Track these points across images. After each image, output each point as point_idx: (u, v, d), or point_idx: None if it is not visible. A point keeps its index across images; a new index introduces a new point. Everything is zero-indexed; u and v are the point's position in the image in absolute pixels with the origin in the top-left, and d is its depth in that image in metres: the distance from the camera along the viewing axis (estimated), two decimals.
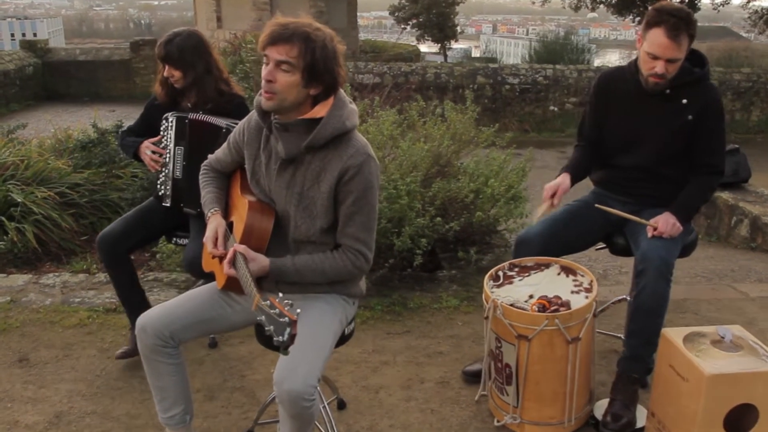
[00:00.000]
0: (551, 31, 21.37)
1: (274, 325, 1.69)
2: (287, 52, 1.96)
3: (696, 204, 2.73)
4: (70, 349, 3.21)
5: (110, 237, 2.96)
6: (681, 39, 2.52)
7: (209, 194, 2.34)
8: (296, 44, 1.95)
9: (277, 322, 1.68)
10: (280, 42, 1.96)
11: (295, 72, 1.97)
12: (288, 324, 1.66)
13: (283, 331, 1.66)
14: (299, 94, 2.01)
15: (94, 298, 3.72)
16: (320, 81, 2.01)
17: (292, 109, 2.05)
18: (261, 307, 1.75)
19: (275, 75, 1.99)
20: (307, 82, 1.99)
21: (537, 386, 2.50)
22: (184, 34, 2.97)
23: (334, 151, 2.06)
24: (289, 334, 1.66)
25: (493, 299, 2.46)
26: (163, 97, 3.07)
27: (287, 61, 1.96)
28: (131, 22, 73.71)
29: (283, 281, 2.10)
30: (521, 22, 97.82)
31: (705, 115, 2.66)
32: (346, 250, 2.11)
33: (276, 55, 1.97)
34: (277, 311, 1.70)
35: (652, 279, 2.51)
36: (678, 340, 2.37)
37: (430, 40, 21.91)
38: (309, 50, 1.96)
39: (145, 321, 2.16)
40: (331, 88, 2.05)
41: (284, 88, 1.99)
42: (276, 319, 1.69)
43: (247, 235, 2.11)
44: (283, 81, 1.98)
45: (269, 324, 1.70)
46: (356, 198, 2.06)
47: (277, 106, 2.03)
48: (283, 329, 1.66)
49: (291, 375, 1.93)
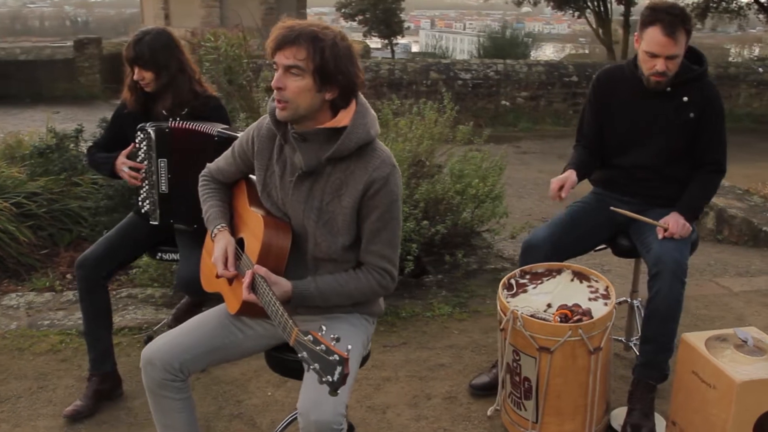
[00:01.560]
0: (488, 26, 21.58)
1: (320, 363, 1.54)
2: (294, 54, 1.81)
3: (701, 203, 2.71)
4: (44, 379, 2.97)
5: (92, 260, 2.73)
6: (678, 35, 2.49)
7: (213, 208, 2.16)
8: (303, 45, 1.80)
9: (325, 360, 1.53)
10: (287, 45, 1.81)
11: (306, 75, 1.82)
12: (339, 362, 1.52)
13: (332, 371, 1.52)
14: (314, 100, 1.86)
15: (64, 319, 3.47)
16: (334, 83, 1.85)
17: (309, 117, 1.89)
18: (302, 343, 1.59)
19: (285, 81, 1.83)
20: (320, 85, 1.84)
21: (558, 400, 2.42)
22: (154, 33, 2.76)
23: (357, 162, 1.91)
24: (341, 373, 1.51)
25: (513, 310, 2.36)
26: (132, 104, 2.84)
27: (295, 65, 1.81)
28: (67, 19, 71.01)
29: (306, 305, 1.95)
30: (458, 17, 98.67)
31: (706, 112, 2.64)
32: (371, 269, 1.97)
33: (284, 60, 1.82)
34: (324, 347, 1.55)
35: (668, 282, 2.46)
36: (701, 346, 2.32)
37: (377, 36, 21.80)
38: (318, 50, 1.81)
39: (151, 353, 1.98)
40: (349, 91, 1.90)
41: (296, 95, 1.84)
42: (323, 357, 1.54)
43: (264, 254, 1.94)
44: (294, 87, 1.83)
45: (314, 362, 1.55)
46: (382, 213, 1.92)
47: (292, 115, 1.87)
48: (333, 368, 1.52)
49: (318, 405, 1.79)
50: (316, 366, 1.55)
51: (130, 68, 2.77)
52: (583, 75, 11.43)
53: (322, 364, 1.54)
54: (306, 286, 1.93)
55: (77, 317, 3.46)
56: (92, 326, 2.77)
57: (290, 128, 1.94)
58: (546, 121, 11.23)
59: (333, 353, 1.54)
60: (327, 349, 1.55)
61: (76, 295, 3.74)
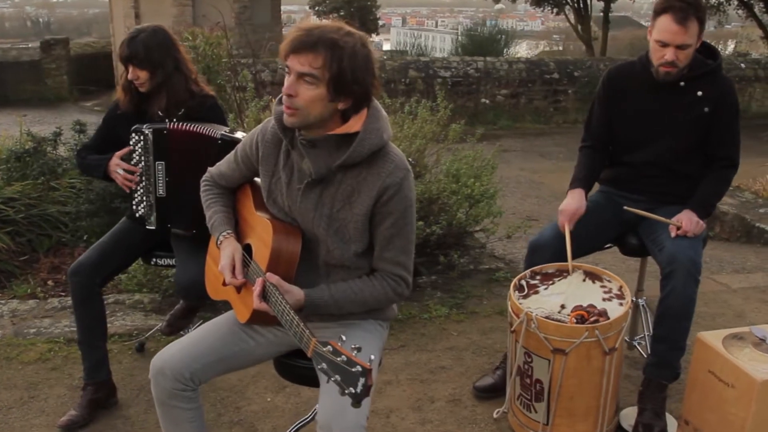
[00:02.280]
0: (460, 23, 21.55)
1: (342, 375, 1.46)
2: (311, 62, 1.69)
3: (715, 199, 2.66)
4: (35, 389, 2.85)
5: (86, 267, 2.62)
6: (689, 24, 2.44)
7: (217, 214, 2.06)
8: (321, 53, 1.69)
9: (347, 371, 1.45)
10: (303, 50, 1.70)
11: (320, 85, 1.71)
12: (362, 373, 1.44)
13: (355, 382, 1.44)
14: (325, 109, 1.75)
15: (51, 327, 3.34)
16: (349, 94, 1.75)
17: (318, 124, 1.79)
18: (321, 354, 1.51)
19: (297, 88, 1.72)
20: (334, 95, 1.73)
21: (570, 401, 2.36)
22: (149, 30, 2.64)
23: (368, 168, 1.81)
24: (364, 385, 1.43)
25: (527, 312, 2.30)
26: (126, 104, 2.72)
27: (310, 73, 1.70)
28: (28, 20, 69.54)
29: (319, 313, 1.87)
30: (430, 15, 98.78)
31: (721, 106, 2.59)
32: (386, 276, 1.89)
33: (298, 66, 1.71)
34: (345, 358, 1.47)
35: (682, 281, 2.41)
36: (718, 345, 2.29)
37: None
38: (335, 60, 1.69)
39: (162, 363, 1.88)
40: (363, 101, 1.79)
41: (307, 103, 1.73)
42: (344, 368, 1.46)
43: (274, 260, 1.85)
44: (306, 95, 1.72)
45: (335, 373, 1.47)
46: (396, 219, 1.83)
47: (300, 122, 1.77)
48: (356, 380, 1.44)
49: (340, 417, 1.71)
50: (337, 377, 1.47)
51: (124, 67, 2.66)
52: (564, 72, 11.46)
53: (344, 376, 1.46)
54: (320, 294, 1.84)
55: (64, 325, 3.36)
56: (87, 335, 2.67)
57: (298, 134, 1.84)
58: (526, 119, 11.23)
59: (355, 364, 1.46)
60: (348, 359, 1.47)
61: (61, 302, 3.63)
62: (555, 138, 10.73)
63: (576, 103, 11.61)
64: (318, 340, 1.54)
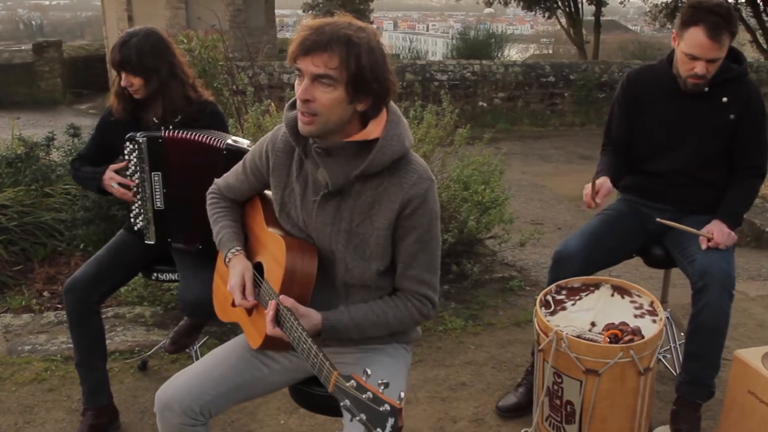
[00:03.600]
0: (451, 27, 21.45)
1: (367, 414, 1.31)
2: (326, 62, 1.55)
3: (743, 209, 2.54)
4: (30, 412, 2.70)
5: (82, 282, 2.47)
6: (722, 38, 2.32)
7: (225, 229, 1.91)
8: (336, 52, 1.55)
9: (373, 410, 1.31)
10: (316, 51, 1.55)
11: (338, 86, 1.57)
12: (390, 413, 1.29)
13: (383, 422, 1.29)
14: (345, 113, 1.62)
15: (47, 344, 3.19)
16: (369, 93, 1.61)
17: (337, 131, 1.65)
18: (343, 390, 1.37)
19: (313, 92, 1.58)
20: (353, 96, 1.60)
21: (603, 424, 2.23)
22: (142, 34, 2.49)
23: (390, 178, 1.67)
24: (394, 426, 1.29)
25: (557, 331, 2.17)
26: (120, 111, 2.57)
27: (326, 74, 1.56)
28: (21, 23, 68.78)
29: (338, 338, 1.72)
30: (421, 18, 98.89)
31: (747, 113, 2.48)
32: (410, 296, 1.75)
33: (312, 68, 1.56)
34: (371, 395, 1.32)
35: (716, 295, 2.30)
36: (758, 364, 2.17)
37: None
38: (353, 57, 1.56)
39: (169, 397, 1.73)
40: (382, 100, 1.66)
41: (326, 108, 1.59)
42: (370, 406, 1.31)
43: (288, 281, 1.70)
44: (324, 99, 1.58)
45: (359, 411, 1.33)
46: (420, 234, 1.70)
47: (319, 130, 1.63)
48: (383, 420, 1.29)
49: None
50: (362, 417, 1.32)
51: (117, 73, 2.51)
52: (560, 75, 11.37)
53: (370, 415, 1.32)
54: (338, 317, 1.70)
55: (61, 341, 3.21)
56: (85, 356, 2.51)
57: (312, 142, 1.71)
58: (524, 122, 11.13)
59: (383, 402, 1.31)
60: (375, 397, 1.32)
61: (57, 317, 3.48)
62: (553, 141, 10.64)
63: (572, 106, 11.53)
64: (340, 374, 1.40)
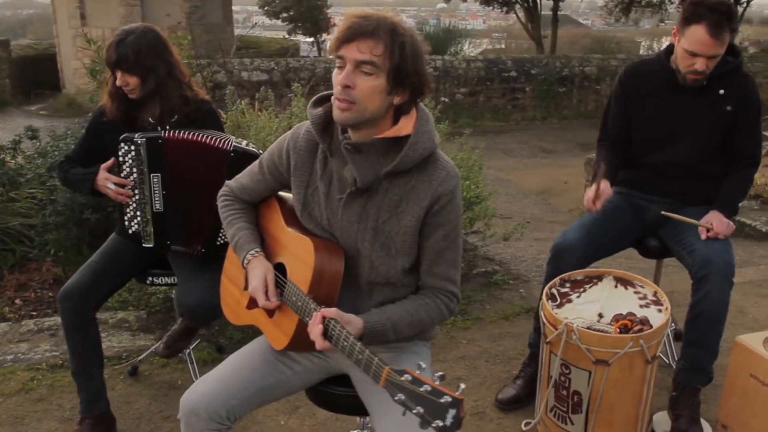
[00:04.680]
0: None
1: (425, 406, 1.31)
2: (371, 49, 1.54)
3: (739, 199, 2.60)
4: (21, 423, 2.60)
5: (77, 290, 2.40)
6: (723, 35, 2.35)
7: (241, 231, 1.87)
8: (382, 39, 1.54)
9: (432, 402, 1.30)
10: (362, 37, 1.55)
11: (380, 75, 1.56)
12: (452, 404, 1.29)
13: (443, 414, 1.29)
14: (382, 104, 1.60)
15: (30, 353, 3.08)
16: (407, 86, 1.60)
17: (370, 123, 1.63)
18: (397, 384, 1.36)
19: (354, 79, 1.56)
20: (393, 87, 1.59)
21: (610, 412, 2.27)
22: (138, 32, 2.41)
23: (418, 175, 1.67)
24: (455, 417, 1.29)
25: (567, 323, 2.19)
26: (114, 112, 2.49)
27: (370, 61, 1.55)
28: None
29: (377, 341, 1.70)
30: None
31: (743, 105, 2.53)
32: (438, 294, 1.74)
33: (356, 54, 1.55)
34: (429, 388, 1.32)
35: (717, 284, 2.35)
36: (760, 348, 2.23)
37: (302, 33, 21.35)
38: (397, 46, 1.55)
39: (195, 402, 1.69)
40: (417, 95, 1.65)
41: (365, 96, 1.57)
42: (429, 399, 1.31)
43: (317, 281, 1.67)
44: (365, 86, 1.57)
45: (416, 405, 1.32)
46: (448, 231, 1.70)
47: (355, 118, 1.60)
48: (444, 411, 1.29)
49: None
50: (419, 409, 1.32)
51: (112, 73, 2.44)
52: (521, 70, 11.51)
53: (429, 407, 1.31)
54: (377, 318, 1.67)
55: (44, 349, 3.11)
56: (82, 365, 2.44)
57: (342, 138, 1.69)
58: (486, 117, 11.25)
59: (443, 394, 1.31)
60: (434, 389, 1.32)
61: (37, 324, 3.37)
62: (516, 135, 10.77)
63: (534, 101, 11.69)
64: (392, 369, 1.39)
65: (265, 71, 10.43)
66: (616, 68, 11.94)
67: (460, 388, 1.33)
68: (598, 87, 11.99)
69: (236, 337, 3.14)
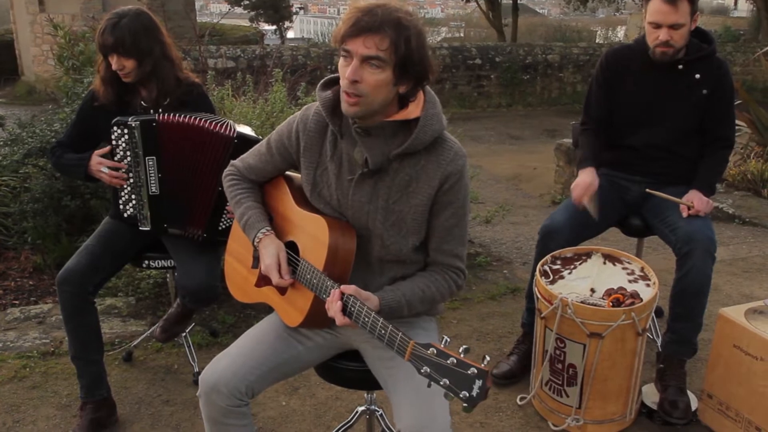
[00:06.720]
0: None
1: (451, 378, 1.37)
2: (377, 44, 1.56)
3: (717, 178, 2.73)
4: (18, 411, 2.59)
5: (76, 274, 2.39)
6: (679, 3, 2.47)
7: (251, 210, 1.90)
8: (388, 34, 1.57)
9: (459, 374, 1.36)
10: (368, 32, 1.56)
11: (386, 68, 1.59)
12: (478, 375, 1.35)
13: (470, 385, 1.35)
14: (389, 94, 1.64)
15: (18, 341, 3.06)
16: (411, 75, 1.64)
17: (379, 112, 1.68)
18: (423, 357, 1.42)
19: (361, 74, 1.59)
20: (398, 78, 1.62)
21: (604, 384, 2.37)
22: (131, 14, 2.40)
23: (428, 156, 1.71)
24: (482, 388, 1.35)
25: (561, 298, 2.27)
26: (108, 95, 2.47)
27: (377, 56, 1.57)
28: None
29: (391, 317, 1.74)
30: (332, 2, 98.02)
31: (718, 88, 2.65)
32: (446, 270, 1.81)
33: (363, 50, 1.57)
34: (455, 360, 1.38)
35: (701, 259, 2.46)
36: (742, 320, 2.34)
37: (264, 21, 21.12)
38: (403, 40, 1.58)
39: (216, 379, 1.73)
40: (421, 83, 1.69)
41: (372, 89, 1.60)
42: (455, 370, 1.37)
43: (331, 259, 1.72)
44: (372, 80, 1.59)
45: (442, 376, 1.38)
46: (456, 209, 1.75)
47: (364, 111, 1.64)
48: (470, 383, 1.35)
49: (432, 423, 1.62)
50: (445, 381, 1.38)
51: (105, 57, 2.42)
52: (486, 58, 11.62)
53: (455, 379, 1.38)
54: (392, 295, 1.72)
55: (33, 337, 3.09)
56: (82, 350, 2.44)
57: (352, 122, 1.72)
58: (452, 104, 11.33)
59: (469, 366, 1.37)
60: (459, 361, 1.39)
61: (23, 312, 3.35)
62: (482, 122, 10.90)
63: (499, 88, 11.83)
64: (417, 343, 1.45)
65: (231, 58, 10.33)
66: (578, 56, 12.17)
67: (485, 359, 1.39)
68: (561, 75, 12.19)
69: (229, 321, 3.16)
